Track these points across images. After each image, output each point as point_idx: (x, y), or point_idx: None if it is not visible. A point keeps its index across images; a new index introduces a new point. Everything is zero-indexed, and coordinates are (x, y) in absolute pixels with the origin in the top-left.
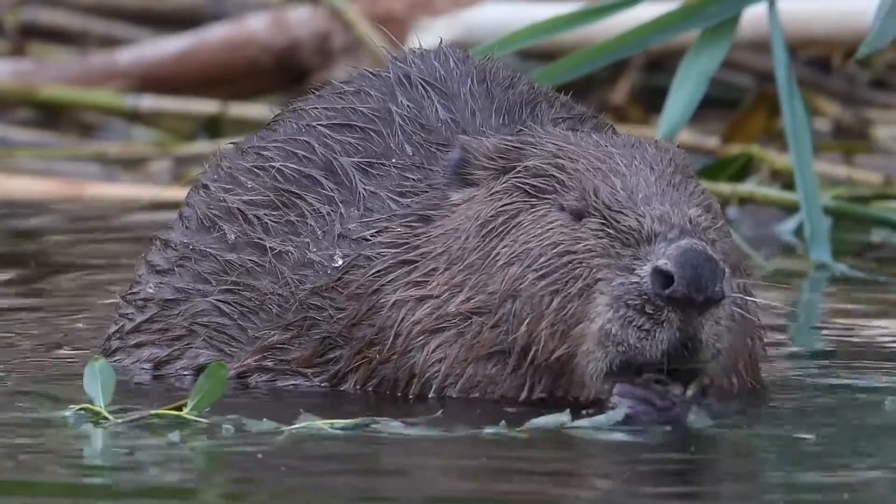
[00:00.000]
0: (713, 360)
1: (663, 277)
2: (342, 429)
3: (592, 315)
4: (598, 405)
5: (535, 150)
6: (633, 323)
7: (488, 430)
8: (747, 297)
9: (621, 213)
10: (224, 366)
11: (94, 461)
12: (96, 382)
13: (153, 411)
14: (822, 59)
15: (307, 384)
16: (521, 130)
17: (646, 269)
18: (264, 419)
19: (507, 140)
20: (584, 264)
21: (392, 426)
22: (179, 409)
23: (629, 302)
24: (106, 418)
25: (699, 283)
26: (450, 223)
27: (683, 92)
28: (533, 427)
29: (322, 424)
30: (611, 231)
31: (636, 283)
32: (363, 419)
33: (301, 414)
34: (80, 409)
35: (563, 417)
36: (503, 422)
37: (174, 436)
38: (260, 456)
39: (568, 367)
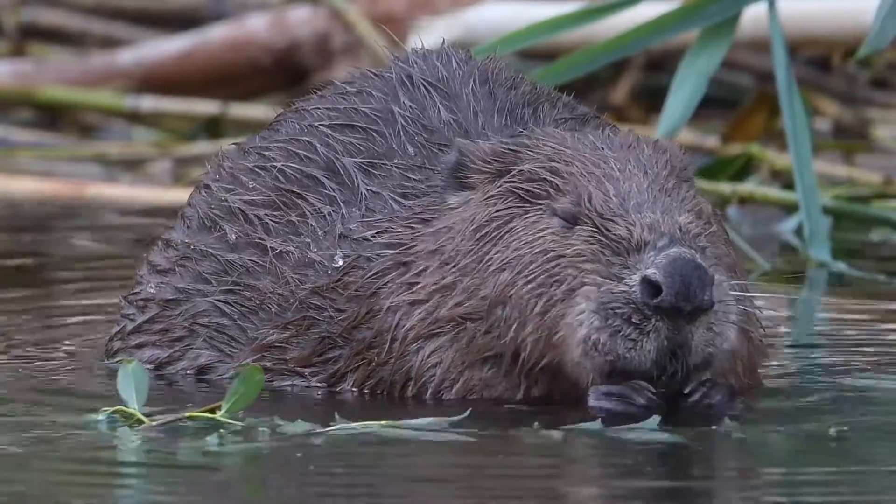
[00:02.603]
0: (705, 367)
1: (651, 287)
2: (375, 431)
3: (575, 323)
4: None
5: (530, 153)
6: (621, 333)
7: (522, 430)
8: (745, 296)
9: (612, 221)
10: (260, 369)
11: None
12: (130, 384)
13: (188, 413)
14: (822, 59)
15: (304, 384)
16: (519, 133)
17: (634, 279)
18: (298, 420)
19: (503, 143)
20: (571, 269)
21: (425, 428)
22: (213, 411)
23: (617, 311)
24: (141, 421)
25: (687, 293)
26: (442, 223)
27: (683, 92)
28: (566, 428)
29: (357, 426)
30: (602, 239)
31: (624, 291)
32: (396, 422)
33: (335, 417)
34: (114, 411)
35: (595, 423)
36: (535, 423)
37: (212, 438)
38: (299, 455)
39: (553, 375)
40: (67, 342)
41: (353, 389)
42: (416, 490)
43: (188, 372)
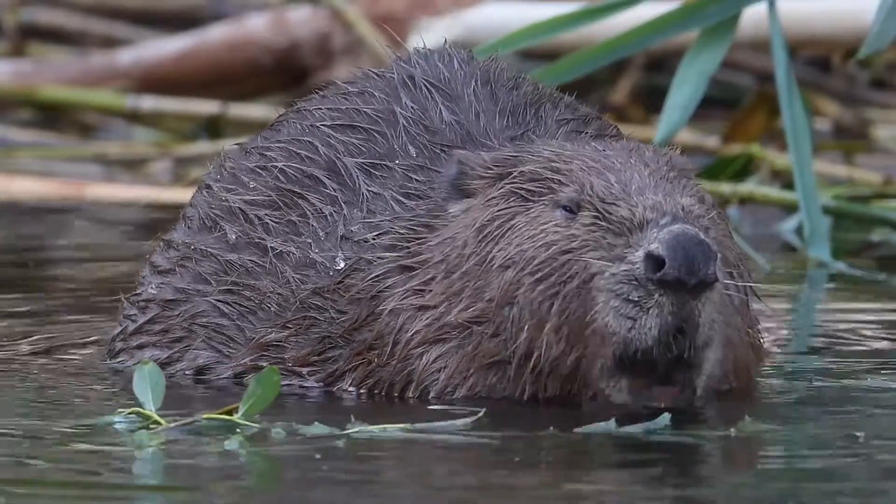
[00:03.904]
0: (707, 348)
1: (655, 262)
2: (393, 433)
3: (595, 314)
4: (602, 400)
5: (530, 156)
6: (621, 312)
7: (537, 432)
8: (748, 286)
9: (614, 204)
10: (277, 371)
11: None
12: (146, 386)
13: (205, 415)
14: (822, 59)
15: (301, 383)
16: (519, 135)
17: (638, 255)
18: (316, 423)
19: (503, 151)
20: (579, 262)
21: (441, 431)
22: (229, 412)
23: (618, 292)
24: (158, 422)
25: (691, 266)
26: (448, 232)
27: (683, 92)
28: (582, 430)
29: (374, 430)
30: (603, 223)
31: (627, 270)
32: (413, 424)
33: (351, 419)
34: (130, 413)
35: (610, 423)
36: (551, 427)
37: (233, 441)
38: (318, 457)
39: (574, 372)
40: (68, 342)
41: (351, 388)
42: (432, 490)
43: (187, 372)
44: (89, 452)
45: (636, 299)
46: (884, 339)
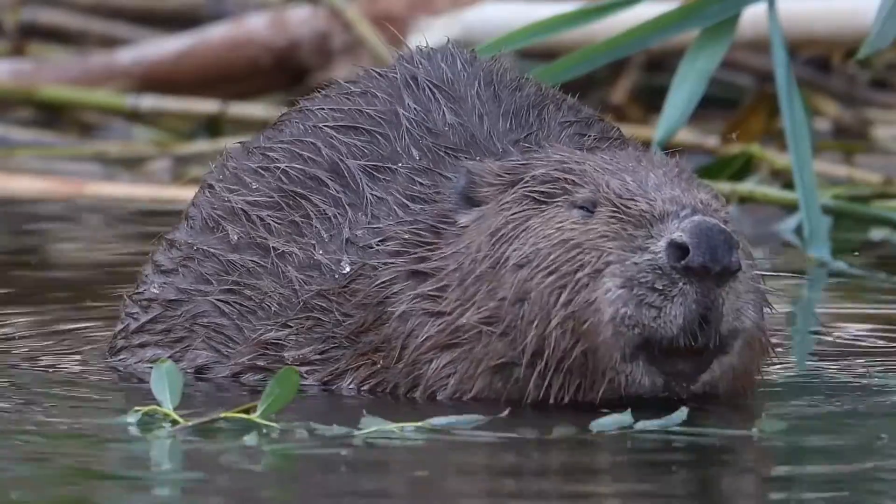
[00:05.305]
0: (732, 339)
1: (679, 250)
2: (410, 432)
3: (604, 303)
4: (611, 405)
5: (540, 161)
6: (645, 301)
7: (556, 432)
8: (762, 276)
9: (632, 199)
10: (296, 371)
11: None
12: (164, 385)
13: (223, 414)
14: (822, 59)
15: (299, 382)
16: (523, 146)
17: (660, 245)
18: (333, 424)
19: (512, 158)
20: (593, 252)
21: (458, 429)
22: (247, 411)
23: (641, 280)
24: (176, 421)
25: (715, 254)
26: (461, 241)
27: (683, 91)
28: (599, 428)
29: (392, 428)
30: (623, 216)
31: (649, 259)
32: (429, 422)
33: (364, 417)
34: (147, 411)
35: (626, 418)
36: (570, 425)
37: (251, 439)
38: (344, 453)
39: (584, 366)
40: (68, 342)
41: (352, 387)
42: (450, 490)
43: (187, 372)
44: (109, 450)
45: (660, 288)
46: (884, 339)
